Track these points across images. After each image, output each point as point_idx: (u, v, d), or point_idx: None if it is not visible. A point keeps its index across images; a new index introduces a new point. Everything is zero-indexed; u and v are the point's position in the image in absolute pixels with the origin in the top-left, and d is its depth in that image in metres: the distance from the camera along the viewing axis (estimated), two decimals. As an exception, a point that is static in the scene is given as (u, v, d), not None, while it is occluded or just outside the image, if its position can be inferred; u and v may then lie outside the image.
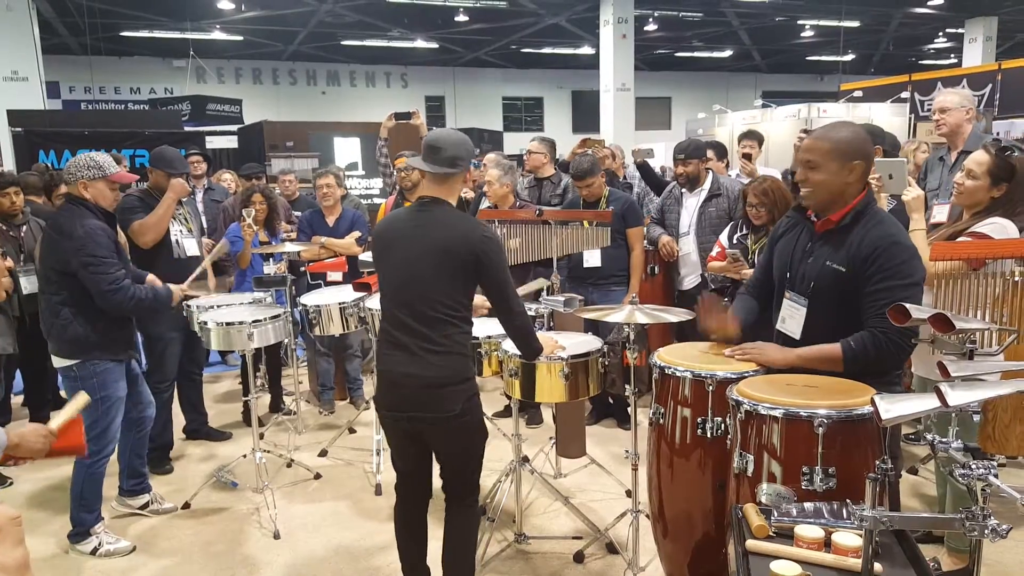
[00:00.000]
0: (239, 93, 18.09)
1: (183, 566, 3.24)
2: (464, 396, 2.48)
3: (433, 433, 2.51)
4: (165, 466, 4.22)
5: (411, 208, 2.58)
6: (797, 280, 2.38)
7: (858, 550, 1.55)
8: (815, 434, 1.91)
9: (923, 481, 3.80)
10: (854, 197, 2.25)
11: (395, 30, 17.10)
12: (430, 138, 2.54)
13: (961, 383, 1.39)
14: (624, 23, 14.15)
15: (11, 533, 0.66)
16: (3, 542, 0.66)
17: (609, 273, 4.49)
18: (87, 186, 3.22)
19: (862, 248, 2.19)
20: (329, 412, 5.14)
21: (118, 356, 3.32)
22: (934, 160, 4.13)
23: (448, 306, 2.43)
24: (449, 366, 2.44)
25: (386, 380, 2.54)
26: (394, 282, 2.50)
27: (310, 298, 4.28)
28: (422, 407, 2.46)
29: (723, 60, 22.84)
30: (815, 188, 2.28)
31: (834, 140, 2.24)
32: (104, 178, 3.24)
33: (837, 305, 2.24)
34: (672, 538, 2.57)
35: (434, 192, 2.52)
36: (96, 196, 3.23)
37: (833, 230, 2.28)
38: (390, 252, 2.52)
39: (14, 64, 10.87)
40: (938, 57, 22.69)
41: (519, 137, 22.09)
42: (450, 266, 2.41)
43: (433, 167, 2.49)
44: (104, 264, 3.14)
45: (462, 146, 2.51)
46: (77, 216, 3.18)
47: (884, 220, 2.25)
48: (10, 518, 0.67)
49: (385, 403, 2.57)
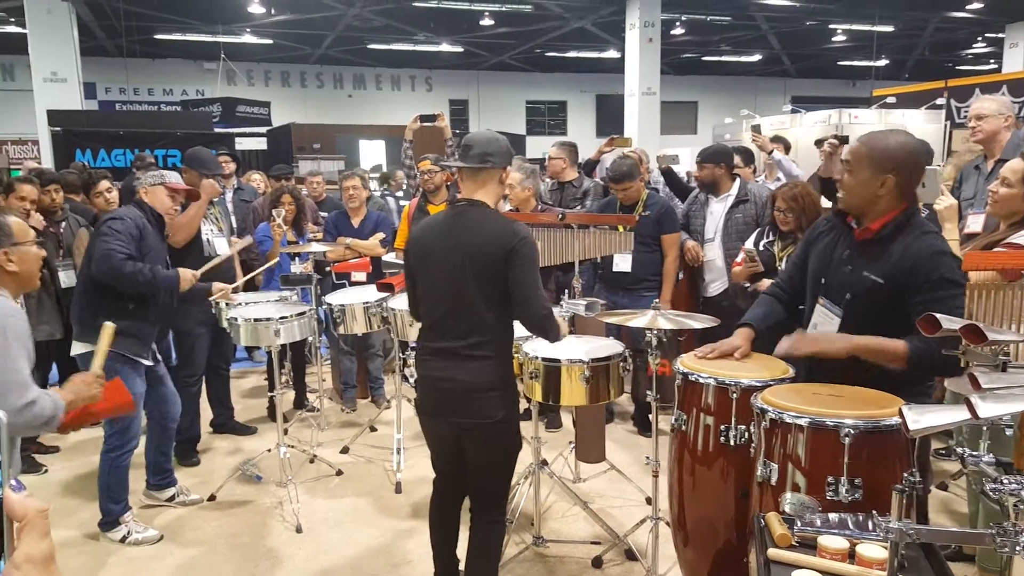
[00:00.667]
0: (268, 95, 18.30)
1: (208, 556, 3.29)
2: (506, 402, 2.49)
3: (471, 439, 2.52)
4: (192, 459, 4.29)
5: (446, 213, 2.58)
6: (833, 288, 2.33)
7: (883, 563, 1.52)
8: (841, 444, 1.88)
9: (953, 497, 3.73)
10: (891, 208, 2.19)
11: (421, 34, 17.18)
12: (464, 139, 2.58)
13: (992, 395, 1.36)
14: (651, 27, 14.06)
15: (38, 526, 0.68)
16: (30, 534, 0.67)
17: (641, 278, 4.46)
18: (147, 191, 3.57)
19: (904, 260, 2.13)
20: (351, 410, 5.18)
21: (134, 352, 3.34)
22: (969, 169, 4.04)
23: (488, 312, 2.43)
24: (490, 371, 2.45)
25: (427, 385, 2.54)
26: (434, 288, 2.50)
27: (335, 297, 4.32)
28: (463, 412, 2.46)
29: (752, 64, 22.62)
30: (846, 191, 2.25)
31: (872, 147, 2.20)
32: (162, 183, 3.58)
33: (872, 318, 2.18)
34: (693, 546, 2.54)
35: (470, 192, 2.53)
36: (153, 200, 3.55)
37: (872, 240, 2.22)
38: (429, 259, 2.52)
39: (54, 66, 11.12)
40: (976, 63, 22.25)
41: (542, 141, 22.08)
42: (487, 271, 2.41)
43: (465, 162, 2.51)
44: (116, 236, 3.30)
45: (493, 143, 2.52)
46: (128, 208, 3.56)
47: (928, 232, 2.20)
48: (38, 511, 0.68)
49: (425, 408, 2.58)
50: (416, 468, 4.09)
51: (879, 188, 2.17)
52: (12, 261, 2.27)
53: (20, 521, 0.68)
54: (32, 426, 2.06)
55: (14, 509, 0.68)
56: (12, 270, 2.27)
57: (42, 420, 2.06)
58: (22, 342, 2.11)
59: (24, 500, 0.69)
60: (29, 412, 2.03)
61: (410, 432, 4.50)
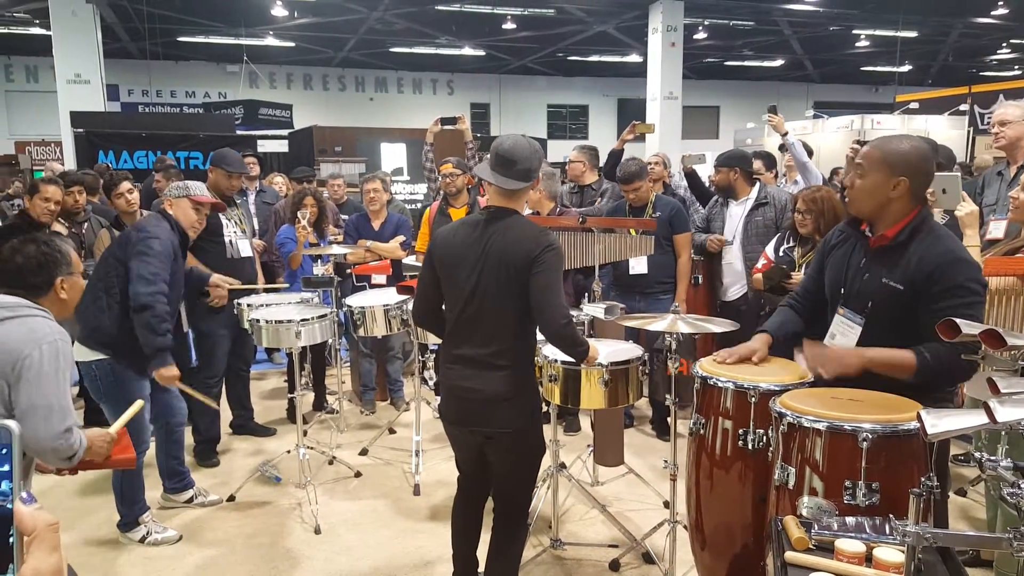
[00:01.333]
0: (290, 98, 18.52)
1: (227, 556, 3.33)
2: (529, 411, 2.49)
3: (495, 447, 2.53)
4: (212, 459, 4.34)
5: (477, 218, 2.52)
6: (852, 297, 2.31)
7: (900, 566, 1.53)
8: (859, 448, 1.88)
9: (972, 504, 3.70)
10: (904, 213, 2.19)
11: (443, 37, 17.29)
12: (502, 149, 2.43)
13: (1011, 399, 1.36)
14: (673, 31, 14.06)
15: (47, 539, 0.68)
16: (39, 548, 0.68)
17: (655, 280, 4.47)
18: (172, 204, 3.57)
19: (922, 266, 2.11)
20: (370, 412, 5.22)
21: (134, 366, 3.30)
22: (992, 174, 4.01)
23: (513, 320, 2.42)
24: (514, 380, 2.44)
25: (451, 394, 2.54)
26: (459, 296, 2.48)
27: (355, 300, 4.36)
28: (486, 421, 2.47)
29: (774, 69, 22.50)
30: (857, 194, 2.24)
31: (886, 151, 2.19)
32: (187, 196, 3.57)
33: (895, 324, 2.17)
34: (711, 550, 2.55)
35: (503, 202, 2.47)
36: (178, 214, 3.55)
37: (888, 246, 2.21)
38: (456, 266, 2.47)
39: (77, 67, 11.29)
40: (1000, 69, 21.97)
41: (564, 145, 22.09)
42: (513, 279, 2.38)
43: (506, 181, 2.42)
44: (153, 257, 3.28)
45: (535, 157, 2.44)
46: (158, 220, 3.51)
47: (943, 236, 2.18)
48: (48, 524, 0.69)
49: (450, 416, 2.59)
50: (434, 470, 4.11)
51: (892, 191, 2.17)
52: (65, 289, 2.29)
53: (29, 534, 0.68)
54: (60, 455, 2.03)
55: (24, 522, 0.68)
56: (64, 298, 2.30)
57: (71, 452, 2.05)
58: (70, 367, 2.13)
59: (34, 513, 0.68)
60: (66, 440, 2.03)
61: (429, 435, 4.54)
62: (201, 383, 4.26)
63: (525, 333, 2.48)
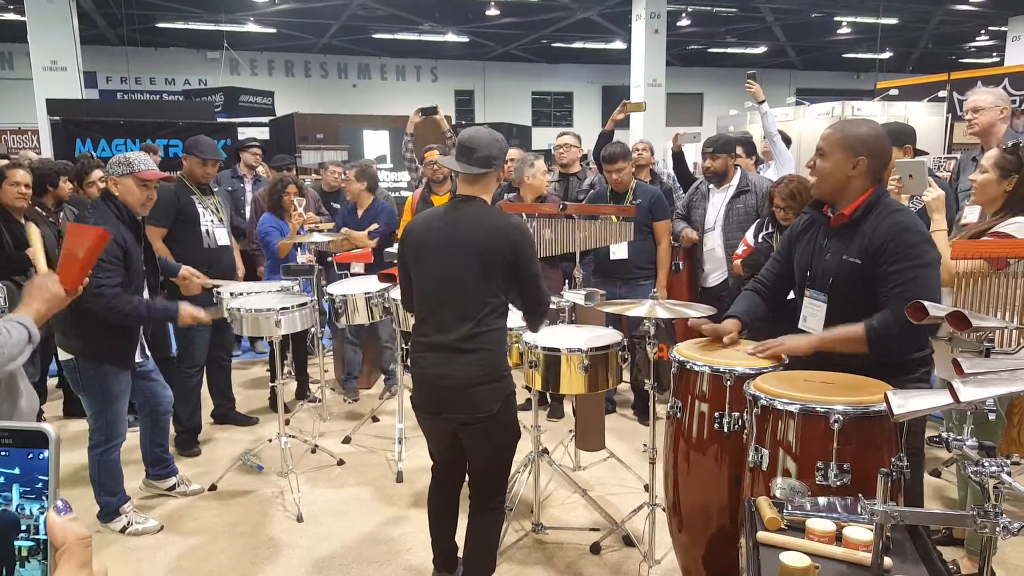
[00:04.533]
0: (271, 85, 18.31)
1: (208, 545, 3.32)
2: (502, 395, 2.52)
3: (470, 433, 2.55)
4: (193, 449, 4.32)
5: (445, 207, 2.59)
6: (817, 277, 2.41)
7: (869, 544, 1.56)
8: (831, 430, 1.92)
9: (947, 484, 3.76)
10: (862, 191, 2.30)
11: (426, 24, 17.16)
12: (463, 138, 2.54)
13: (974, 380, 1.39)
14: (657, 18, 14.03)
15: (77, 554, 0.64)
16: (68, 563, 0.64)
17: (636, 267, 4.49)
18: (116, 183, 3.23)
19: (874, 239, 2.23)
20: (353, 400, 5.22)
21: (118, 365, 3.27)
22: (967, 161, 4.06)
23: (485, 304, 2.46)
24: (486, 364, 2.48)
25: (423, 382, 2.55)
26: (430, 283, 2.51)
27: (336, 288, 4.35)
28: (460, 408, 2.49)
29: (757, 56, 22.54)
30: (820, 176, 2.36)
31: (845, 133, 2.31)
32: (132, 175, 3.22)
33: (856, 299, 2.27)
34: (687, 532, 2.58)
35: (468, 191, 2.54)
36: (124, 193, 3.23)
37: (847, 224, 2.32)
38: (425, 254, 2.52)
39: (53, 54, 11.08)
40: (979, 56, 22.17)
41: (548, 132, 22.01)
42: (486, 264, 2.43)
43: (467, 167, 2.50)
44: (96, 267, 2.95)
45: (495, 145, 2.52)
46: (98, 214, 3.22)
47: (896, 210, 2.29)
48: (79, 538, 0.65)
49: (423, 405, 2.59)
50: (417, 457, 4.12)
51: (852, 170, 2.28)
52: None
53: (59, 547, 0.64)
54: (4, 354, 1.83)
55: (55, 533, 0.64)
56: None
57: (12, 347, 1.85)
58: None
59: (66, 524, 0.64)
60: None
61: (412, 422, 4.51)
62: (181, 373, 4.25)
63: (498, 316, 2.52)
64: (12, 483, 0.65)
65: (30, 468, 0.65)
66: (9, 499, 0.65)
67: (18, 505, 0.65)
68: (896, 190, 2.92)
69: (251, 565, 3.16)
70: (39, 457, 0.65)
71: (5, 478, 0.65)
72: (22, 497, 0.65)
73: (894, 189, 2.92)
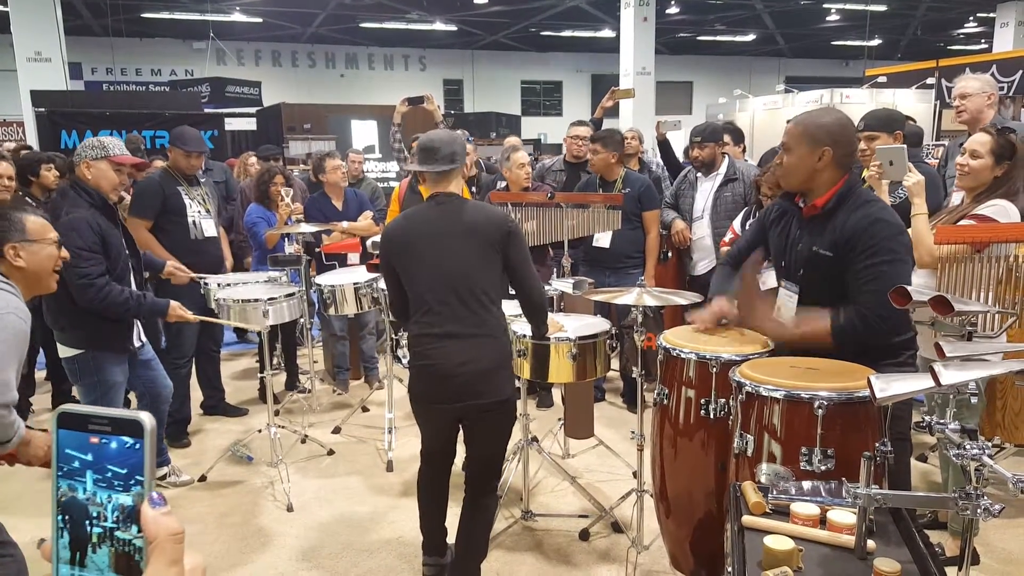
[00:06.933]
0: (258, 75, 18.18)
1: (199, 536, 3.32)
2: (512, 379, 2.60)
3: (483, 419, 2.56)
4: (183, 440, 4.31)
5: (427, 205, 2.61)
6: (790, 268, 2.41)
7: (852, 527, 1.57)
8: (815, 415, 1.93)
9: (933, 469, 3.80)
10: (832, 182, 2.27)
11: (414, 12, 17.05)
12: (423, 142, 2.61)
13: (956, 363, 1.40)
14: (646, 6, 13.99)
15: (167, 551, 0.60)
16: (158, 559, 0.60)
17: (625, 255, 4.49)
18: (89, 166, 3.17)
19: (845, 230, 2.21)
20: (343, 392, 5.21)
21: (115, 351, 3.26)
22: (954, 147, 4.08)
23: (489, 289, 2.51)
24: (503, 349, 2.56)
25: (435, 374, 2.52)
26: (432, 275, 2.51)
27: (325, 279, 4.33)
28: (480, 394, 2.50)
29: (746, 44, 22.55)
30: (787, 171, 2.34)
31: (806, 125, 2.29)
32: (107, 158, 3.17)
33: (826, 290, 2.26)
34: (674, 518, 2.60)
35: (441, 188, 2.58)
36: (97, 177, 3.17)
37: (818, 215, 2.30)
38: (417, 249, 2.53)
39: (37, 45, 10.96)
40: (968, 42, 22.24)
41: (537, 121, 22.00)
42: (485, 249, 2.49)
43: (434, 167, 2.56)
44: (78, 257, 2.96)
45: (456, 142, 2.60)
46: (69, 203, 3.15)
47: (868, 201, 2.27)
48: (171, 533, 0.62)
49: (431, 396, 2.57)
50: (407, 447, 4.13)
51: (817, 162, 2.25)
52: (21, 256, 2.21)
53: (151, 542, 0.62)
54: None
55: (147, 527, 0.62)
56: (20, 265, 2.21)
57: (6, 430, 1.96)
58: (19, 342, 2.03)
59: (158, 519, 0.62)
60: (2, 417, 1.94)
61: (402, 412, 4.54)
62: (170, 364, 4.22)
63: (498, 304, 2.57)
64: (86, 469, 0.64)
65: (102, 456, 0.64)
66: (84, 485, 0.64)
67: (91, 492, 0.64)
68: (877, 176, 2.93)
69: (241, 555, 3.16)
70: (129, 447, 0.63)
71: (80, 463, 0.64)
72: (95, 484, 0.64)
73: (875, 175, 2.93)
